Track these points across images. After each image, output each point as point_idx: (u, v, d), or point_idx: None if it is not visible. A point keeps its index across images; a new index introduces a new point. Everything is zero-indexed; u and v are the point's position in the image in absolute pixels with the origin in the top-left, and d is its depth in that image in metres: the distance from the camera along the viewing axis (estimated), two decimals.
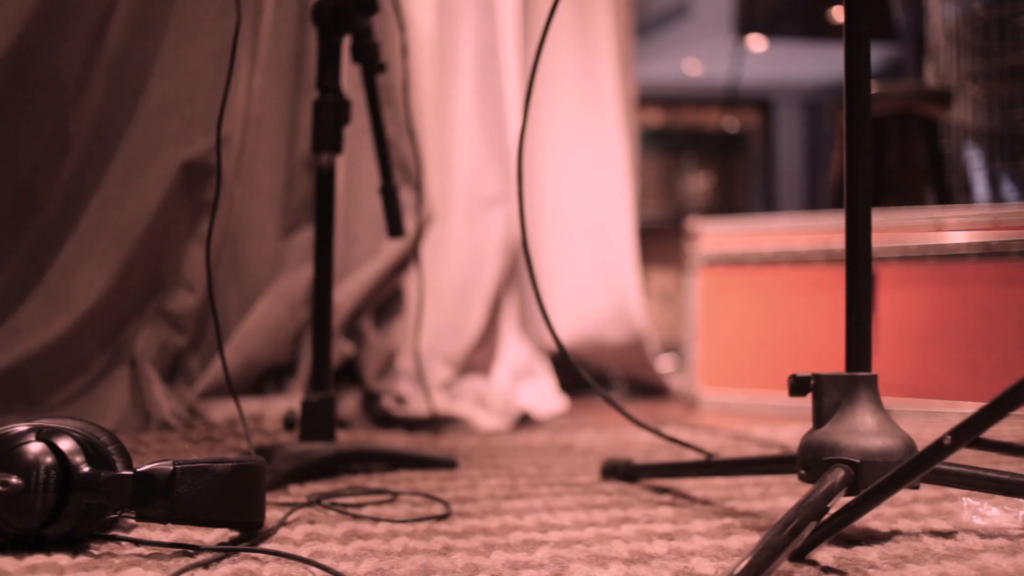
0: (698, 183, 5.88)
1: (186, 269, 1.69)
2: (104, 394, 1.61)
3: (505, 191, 2.22)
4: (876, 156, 2.99)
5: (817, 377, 0.98)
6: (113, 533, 0.94)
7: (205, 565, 0.84)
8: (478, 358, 2.15)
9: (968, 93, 3.31)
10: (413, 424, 1.75)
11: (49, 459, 0.87)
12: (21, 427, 0.90)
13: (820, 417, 0.97)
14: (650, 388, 2.68)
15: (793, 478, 1.28)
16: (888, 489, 0.84)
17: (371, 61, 1.36)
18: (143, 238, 1.64)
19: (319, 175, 1.33)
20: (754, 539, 0.96)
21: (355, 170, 1.93)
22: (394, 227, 1.39)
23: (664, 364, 2.98)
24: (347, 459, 1.30)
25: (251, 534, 0.95)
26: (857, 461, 0.91)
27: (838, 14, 5.51)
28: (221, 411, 1.65)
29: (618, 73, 2.60)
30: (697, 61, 6.61)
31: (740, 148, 6.82)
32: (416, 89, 2.08)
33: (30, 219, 1.64)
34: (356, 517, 1.05)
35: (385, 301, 1.94)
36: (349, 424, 1.75)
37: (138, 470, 0.88)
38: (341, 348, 1.82)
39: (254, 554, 0.87)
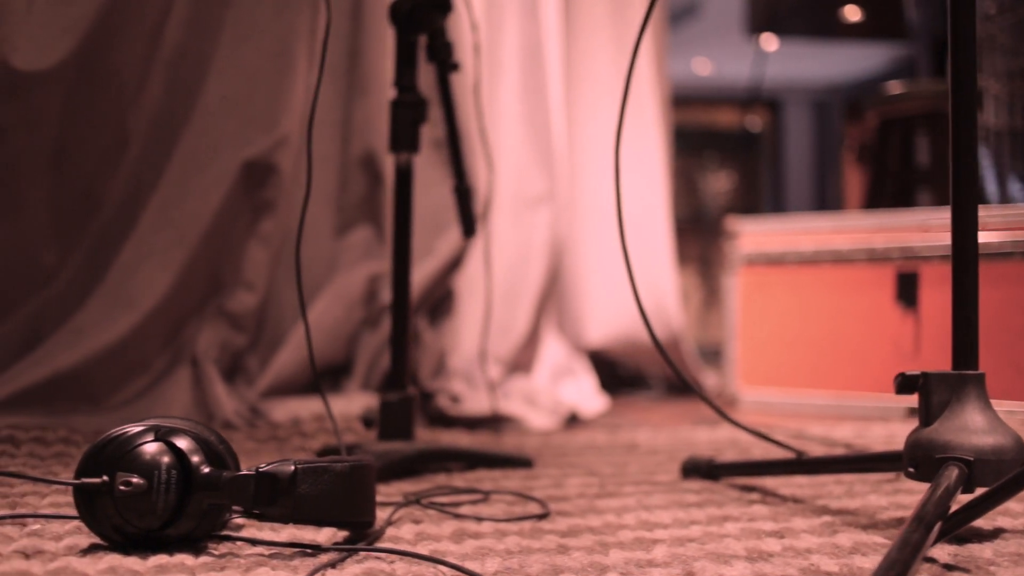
0: (718, 182, 5.89)
1: (246, 268, 1.69)
2: (166, 394, 1.61)
3: (550, 190, 2.22)
4: (906, 155, 3.00)
5: (925, 375, 0.99)
6: (224, 533, 0.94)
7: (332, 565, 0.84)
8: (523, 357, 2.15)
9: (991, 92, 3.32)
10: (472, 423, 1.75)
11: (169, 459, 0.87)
12: (138, 427, 0.90)
13: (928, 415, 0.97)
14: (686, 387, 2.68)
15: (874, 476, 1.29)
16: (1015, 487, 0.84)
17: (445, 60, 1.36)
18: (204, 237, 1.64)
19: (397, 175, 1.33)
20: (861, 536, 0.96)
21: None
22: (468, 227, 1.39)
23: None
24: (428, 458, 1.30)
25: (361, 534, 0.95)
26: (971, 459, 0.91)
27: (851, 13, 5.53)
28: (283, 410, 1.64)
29: (654, 72, 2.60)
30: (707, 60, 6.62)
31: (752, 148, 6.83)
32: (462, 88, 2.07)
33: (91, 219, 1.64)
34: (458, 516, 1.05)
35: (438, 301, 1.94)
36: None
37: (260, 470, 0.87)
38: None
39: (377, 554, 0.87)
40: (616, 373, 2.65)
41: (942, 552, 0.90)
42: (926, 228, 2.17)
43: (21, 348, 1.56)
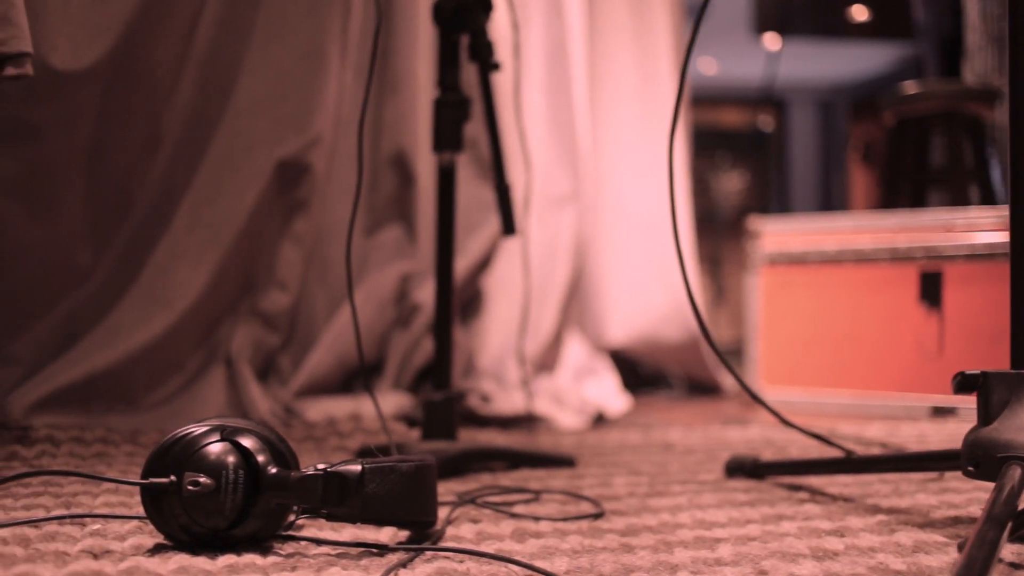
0: (730, 182, 5.89)
1: (279, 268, 1.69)
2: (201, 393, 1.61)
3: (574, 190, 2.22)
4: (921, 155, 3.01)
5: (985, 374, 0.99)
6: (286, 533, 0.94)
7: (403, 564, 0.84)
8: (549, 357, 2.15)
9: (1006, 92, 3.32)
10: (504, 423, 1.75)
11: (236, 459, 0.87)
12: (203, 427, 0.90)
13: (988, 414, 0.97)
14: (705, 387, 2.69)
15: (918, 476, 1.29)
16: None
17: (486, 60, 1.36)
18: (238, 237, 1.64)
19: (440, 174, 1.33)
20: (920, 535, 0.97)
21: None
22: (508, 225, 1.39)
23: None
24: (472, 458, 1.30)
25: (422, 533, 0.95)
26: None
27: (858, 13, 5.54)
28: (317, 410, 1.64)
29: (674, 72, 2.61)
30: (712, 60, 6.63)
31: (764, 147, 6.84)
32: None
33: (124, 219, 1.64)
34: (514, 516, 1.05)
35: (468, 301, 1.94)
36: None
37: (328, 470, 0.87)
38: (428, 347, 1.82)
39: (446, 553, 0.87)
40: (636, 372, 2.65)
41: (1007, 552, 0.90)
42: (950, 228, 2.17)
43: (57, 347, 1.56)
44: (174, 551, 0.87)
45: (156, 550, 0.87)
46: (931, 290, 2.20)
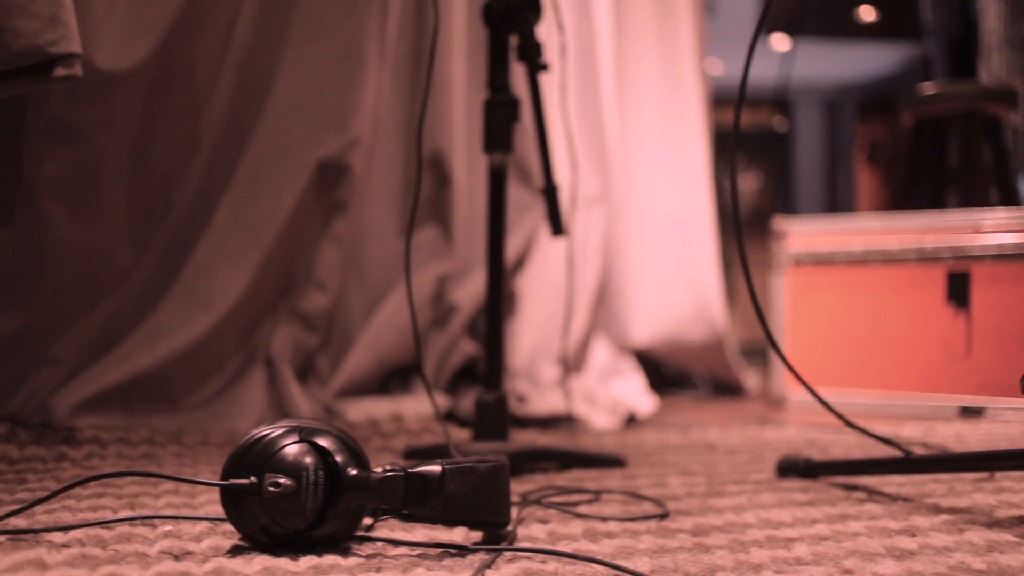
0: (744, 182, 5.90)
1: (318, 268, 1.69)
2: (242, 394, 1.61)
3: (603, 191, 2.22)
4: (940, 155, 3.01)
5: None
6: (359, 534, 0.94)
7: (488, 565, 0.84)
8: (578, 357, 2.15)
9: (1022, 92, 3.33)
10: (542, 423, 1.75)
11: (315, 460, 0.87)
12: (280, 428, 0.89)
13: None
14: (728, 387, 2.69)
15: (969, 475, 1.29)
16: None
17: (535, 61, 1.36)
18: (278, 238, 1.64)
19: (491, 175, 1.33)
20: (989, 535, 0.97)
21: (472, 169, 1.93)
22: (556, 226, 1.39)
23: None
24: (525, 458, 1.30)
25: (495, 534, 0.95)
26: None
27: (866, 13, 5.55)
28: (357, 411, 1.64)
29: (697, 73, 2.61)
30: (718, 60, 6.63)
31: (778, 148, 6.85)
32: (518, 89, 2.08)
33: (163, 219, 1.64)
34: (580, 516, 1.05)
35: (505, 300, 1.94)
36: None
37: (409, 471, 0.87)
38: (464, 348, 1.82)
39: (526, 553, 0.87)
40: (660, 373, 2.66)
41: None
42: (978, 228, 2.18)
43: (98, 348, 1.56)
44: (254, 552, 0.87)
45: (235, 551, 0.87)
46: (959, 291, 2.20)
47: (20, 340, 1.48)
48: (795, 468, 1.28)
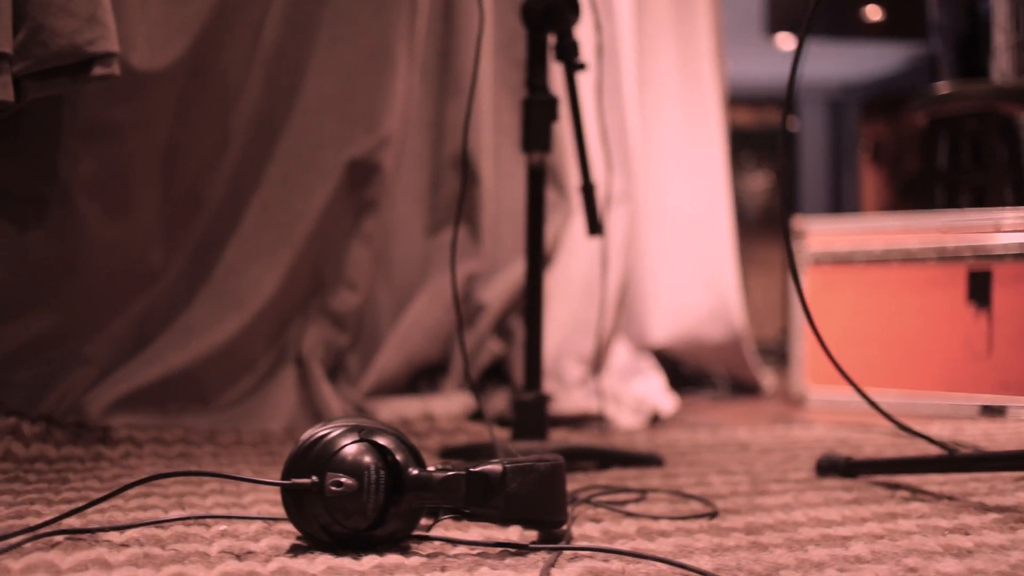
0: (755, 182, 5.90)
1: (348, 268, 1.69)
2: (273, 393, 1.61)
3: (625, 191, 2.23)
4: (954, 155, 3.02)
5: None
6: (416, 533, 0.94)
7: (552, 564, 0.84)
8: (601, 356, 2.15)
9: None
10: (571, 422, 1.75)
11: (376, 459, 0.87)
12: (339, 427, 0.89)
13: None
14: (745, 386, 2.69)
15: (1007, 474, 1.29)
16: None
17: (572, 60, 1.36)
18: (309, 237, 1.64)
19: (531, 174, 1.33)
20: None
21: (499, 169, 1.93)
22: (593, 225, 1.39)
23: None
24: (567, 458, 1.29)
25: (551, 533, 0.95)
26: None
27: (872, 12, 5.55)
28: (388, 410, 1.64)
29: (715, 72, 2.61)
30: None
31: (789, 148, 6.85)
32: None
33: (193, 218, 1.64)
34: (630, 515, 1.05)
35: None
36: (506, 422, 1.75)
37: (471, 470, 0.87)
38: (491, 347, 1.82)
39: (587, 552, 0.87)
40: (678, 372, 2.66)
41: None
42: (999, 227, 2.18)
43: (130, 347, 1.56)
44: (315, 551, 0.87)
45: (295, 550, 0.88)
46: (980, 290, 2.21)
47: (53, 339, 1.48)
48: (835, 467, 1.28)
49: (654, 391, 2.28)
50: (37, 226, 1.43)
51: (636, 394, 2.08)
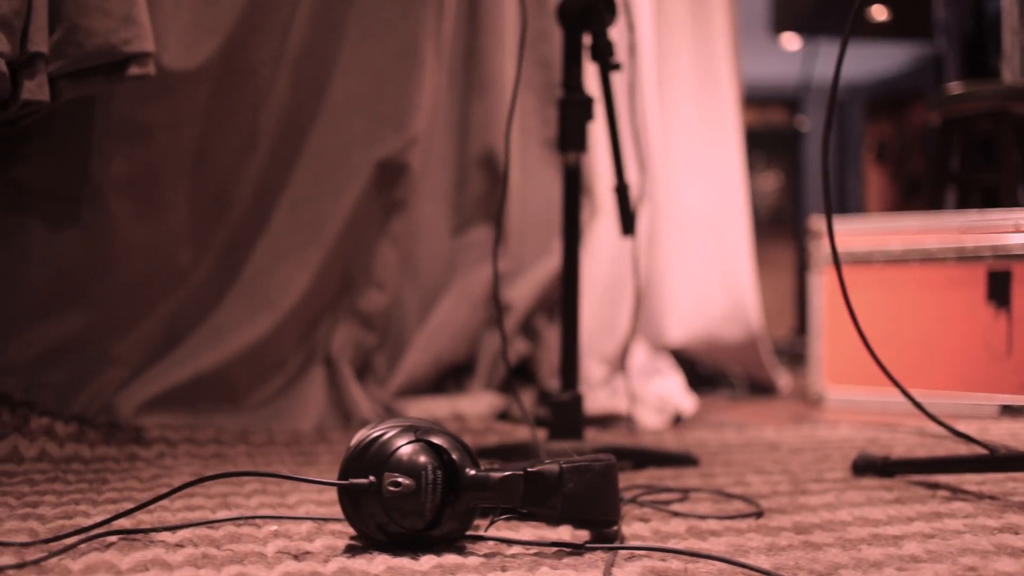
0: (765, 182, 5.90)
1: (376, 268, 1.69)
2: (303, 393, 1.61)
3: (643, 190, 2.22)
4: (967, 155, 3.02)
5: None
6: (470, 533, 0.94)
7: (612, 563, 0.84)
8: (623, 356, 2.15)
9: None
10: (598, 421, 1.75)
11: (433, 460, 0.87)
12: (395, 428, 0.89)
13: None
14: (762, 386, 2.70)
15: None
16: None
17: (607, 60, 1.36)
18: (338, 237, 1.64)
19: (567, 174, 1.33)
20: None
21: (524, 169, 1.93)
22: (627, 225, 1.39)
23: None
24: None
25: (602, 533, 0.95)
26: None
27: (878, 13, 5.56)
28: (417, 410, 1.64)
29: (732, 73, 2.61)
30: None
31: (799, 147, 6.86)
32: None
33: (222, 219, 1.64)
34: (677, 514, 1.05)
35: (557, 299, 1.94)
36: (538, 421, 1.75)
37: (528, 470, 0.87)
38: (517, 347, 1.82)
39: (644, 551, 0.87)
40: (695, 372, 2.66)
41: None
42: (1019, 227, 2.19)
43: (161, 347, 1.56)
44: (372, 551, 0.87)
45: (352, 551, 0.88)
46: (999, 289, 2.21)
47: (84, 339, 1.48)
48: (872, 466, 1.29)
49: (674, 391, 2.28)
50: (69, 226, 1.43)
51: (658, 394, 2.08)
